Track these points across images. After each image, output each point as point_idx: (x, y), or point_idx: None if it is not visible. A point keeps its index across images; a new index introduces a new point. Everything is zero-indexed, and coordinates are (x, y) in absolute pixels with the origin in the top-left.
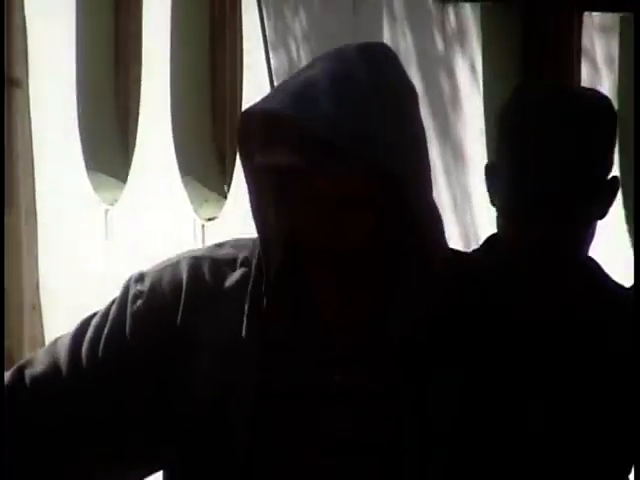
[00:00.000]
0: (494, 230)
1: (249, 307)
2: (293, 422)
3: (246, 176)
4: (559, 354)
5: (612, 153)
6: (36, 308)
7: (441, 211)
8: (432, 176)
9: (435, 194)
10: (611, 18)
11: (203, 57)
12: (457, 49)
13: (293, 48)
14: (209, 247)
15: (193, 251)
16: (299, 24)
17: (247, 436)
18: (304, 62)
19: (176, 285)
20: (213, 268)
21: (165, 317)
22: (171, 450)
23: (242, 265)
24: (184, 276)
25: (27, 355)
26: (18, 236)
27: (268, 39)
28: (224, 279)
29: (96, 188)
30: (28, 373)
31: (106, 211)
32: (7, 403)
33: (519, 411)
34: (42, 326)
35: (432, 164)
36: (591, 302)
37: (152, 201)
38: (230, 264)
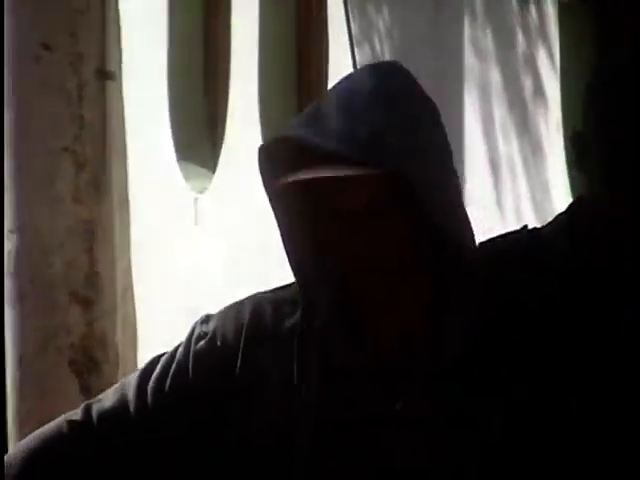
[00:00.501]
0: None
1: (302, 343)
2: (354, 453)
3: (275, 210)
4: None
5: None
6: (128, 290)
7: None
8: (460, 181)
9: (513, 186)
10: None
11: (291, 55)
12: (538, 45)
13: (377, 44)
14: (276, 288)
15: (259, 293)
16: (382, 21)
17: (308, 468)
18: (387, 58)
19: (238, 326)
20: (275, 309)
21: (226, 356)
22: None
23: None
24: (246, 317)
25: (120, 335)
26: (112, 222)
27: (353, 36)
28: (284, 319)
29: (186, 177)
30: (97, 409)
31: (195, 199)
32: (75, 438)
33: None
34: (134, 307)
35: (511, 156)
36: None
37: (239, 190)
38: (292, 304)
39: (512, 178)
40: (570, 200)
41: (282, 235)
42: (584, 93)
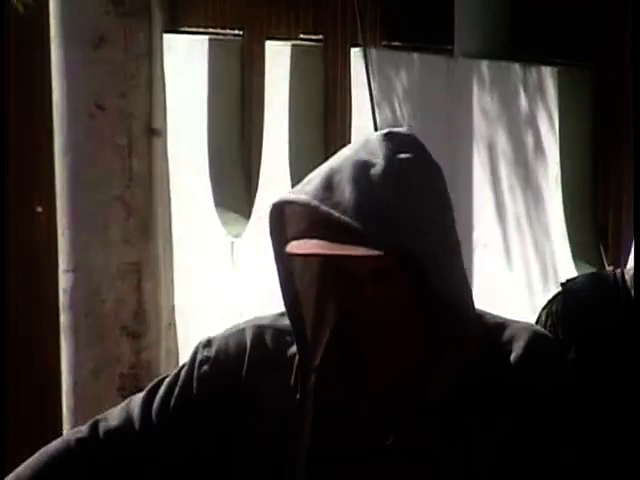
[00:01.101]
0: (571, 267)
1: (302, 374)
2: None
3: (277, 263)
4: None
5: None
6: (172, 326)
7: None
8: (459, 248)
9: (518, 232)
10: None
11: (318, 112)
12: (538, 106)
13: (395, 105)
14: (273, 316)
15: (258, 319)
16: (400, 84)
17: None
18: (406, 118)
19: (240, 351)
20: (275, 337)
21: (228, 381)
22: None
23: None
24: (248, 343)
25: (164, 368)
26: (157, 263)
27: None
28: (286, 348)
29: (223, 223)
30: (103, 426)
31: (232, 243)
32: (82, 453)
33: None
34: (177, 342)
35: (515, 208)
36: None
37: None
38: (291, 334)
39: (517, 225)
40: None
41: (281, 282)
42: None
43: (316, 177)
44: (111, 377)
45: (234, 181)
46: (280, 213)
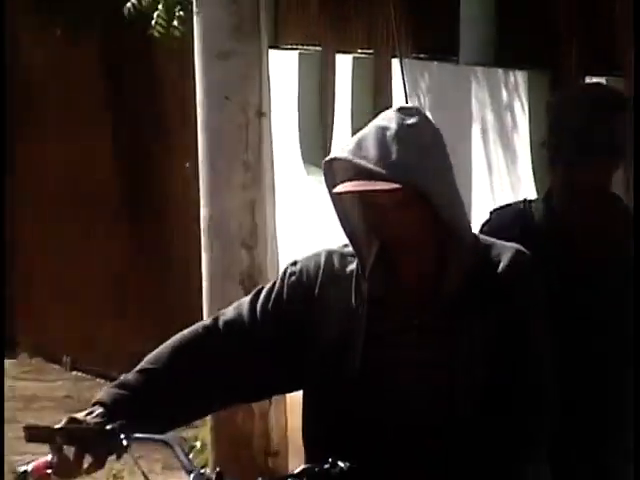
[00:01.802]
0: None
1: (358, 281)
2: (388, 351)
3: (333, 202)
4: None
5: (626, 135)
6: (274, 241)
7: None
8: (457, 188)
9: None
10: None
11: (372, 112)
12: (514, 105)
13: (422, 100)
14: (340, 245)
15: (330, 247)
16: (425, 85)
17: (360, 363)
18: (429, 111)
19: (316, 269)
20: (340, 259)
21: (308, 289)
22: (298, 381)
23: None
24: (322, 263)
25: (270, 269)
26: (265, 201)
27: None
28: (347, 266)
29: (308, 173)
30: (222, 319)
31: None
32: (206, 337)
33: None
34: (277, 252)
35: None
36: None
37: None
38: (351, 256)
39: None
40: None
41: (339, 219)
42: (551, 115)
43: (352, 140)
44: (234, 276)
45: (316, 151)
46: (329, 166)
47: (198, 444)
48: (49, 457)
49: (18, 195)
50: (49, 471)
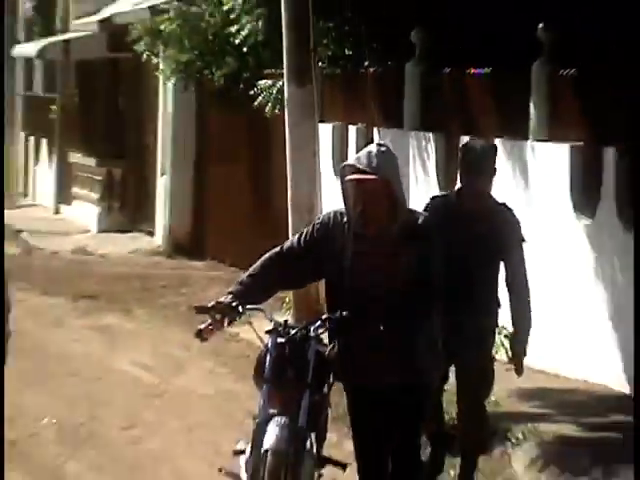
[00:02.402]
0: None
1: (348, 226)
2: (363, 259)
3: (341, 188)
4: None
5: (495, 164)
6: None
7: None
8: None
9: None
10: None
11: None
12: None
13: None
14: (340, 208)
15: (335, 209)
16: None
17: (350, 264)
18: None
19: (328, 219)
20: (340, 215)
21: (324, 228)
22: (322, 274)
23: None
24: (331, 216)
25: None
26: (316, 172)
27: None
28: (343, 218)
29: None
30: (284, 246)
31: None
32: (276, 257)
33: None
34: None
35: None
36: (497, 211)
37: None
38: (346, 214)
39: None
40: None
41: (343, 196)
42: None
43: (354, 156)
44: (303, 220)
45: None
46: (343, 169)
47: (287, 299)
48: (209, 321)
49: (214, 176)
50: (210, 327)
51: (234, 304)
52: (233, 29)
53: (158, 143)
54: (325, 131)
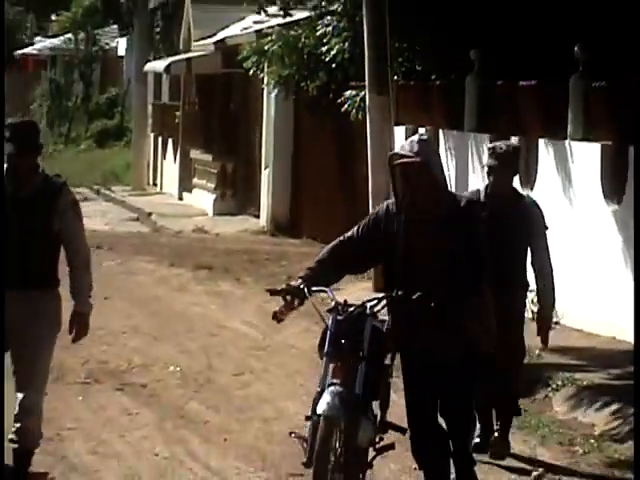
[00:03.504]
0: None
1: (399, 211)
2: (415, 240)
3: (391, 178)
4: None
5: (517, 163)
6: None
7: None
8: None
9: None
10: None
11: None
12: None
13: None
14: (391, 201)
15: (388, 201)
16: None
17: (404, 244)
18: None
19: (381, 209)
20: (390, 204)
21: (380, 217)
22: (381, 259)
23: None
24: (384, 207)
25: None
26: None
27: None
28: (393, 207)
29: None
30: (346, 236)
31: None
32: (341, 245)
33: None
34: None
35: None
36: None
37: None
38: (394, 203)
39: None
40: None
41: (392, 184)
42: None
43: (400, 145)
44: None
45: None
46: (390, 157)
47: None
48: (282, 303)
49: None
50: (283, 309)
51: (301, 287)
52: (324, 49)
53: (262, 142)
54: (399, 132)
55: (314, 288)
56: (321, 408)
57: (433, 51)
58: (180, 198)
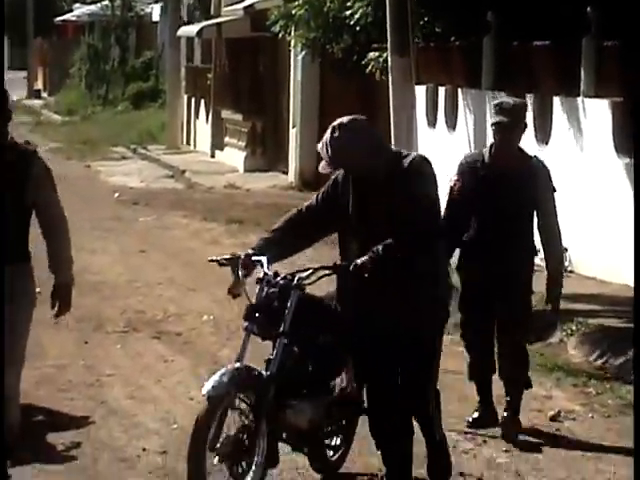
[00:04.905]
0: None
1: (350, 181)
2: (361, 202)
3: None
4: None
5: (525, 120)
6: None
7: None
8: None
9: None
10: None
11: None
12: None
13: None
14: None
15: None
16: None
17: (349, 214)
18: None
19: (339, 176)
20: (343, 175)
21: (335, 187)
22: (336, 226)
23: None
24: (342, 174)
25: None
26: (413, 128)
27: None
28: (345, 178)
29: None
30: (304, 206)
31: None
32: (298, 215)
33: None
34: None
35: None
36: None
37: None
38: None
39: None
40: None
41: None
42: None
43: (321, 146)
44: None
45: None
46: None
47: None
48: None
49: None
50: (235, 284)
51: (241, 257)
52: (348, 13)
53: (290, 102)
54: (420, 91)
55: (253, 258)
56: (206, 387)
57: (452, 14)
58: (212, 156)
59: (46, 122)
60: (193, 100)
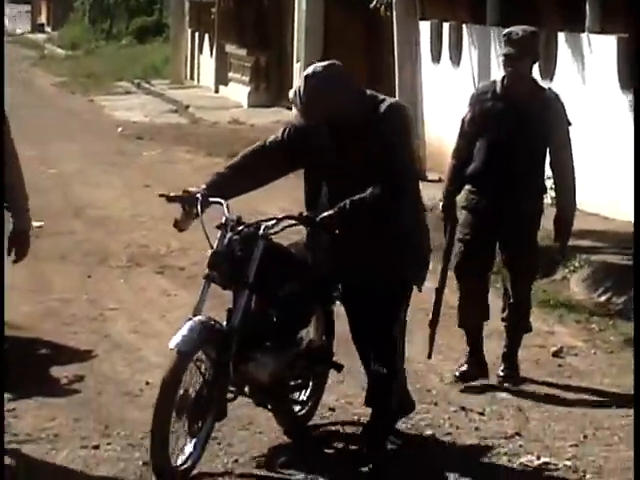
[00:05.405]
0: None
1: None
2: (331, 153)
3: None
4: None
5: (537, 49)
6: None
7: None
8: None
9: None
10: None
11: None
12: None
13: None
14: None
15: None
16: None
17: (321, 160)
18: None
19: (299, 126)
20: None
21: (298, 132)
22: (298, 166)
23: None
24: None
25: None
26: (418, 87)
27: None
28: (311, 130)
29: None
30: (269, 140)
31: None
32: (261, 148)
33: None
34: None
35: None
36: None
37: None
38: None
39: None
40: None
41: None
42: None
43: (295, 91)
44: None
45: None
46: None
47: None
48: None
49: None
50: (184, 218)
51: (197, 195)
52: None
53: (294, 37)
54: (424, 27)
55: (211, 199)
56: (174, 341)
57: None
58: (216, 91)
59: (50, 56)
60: (197, 34)
